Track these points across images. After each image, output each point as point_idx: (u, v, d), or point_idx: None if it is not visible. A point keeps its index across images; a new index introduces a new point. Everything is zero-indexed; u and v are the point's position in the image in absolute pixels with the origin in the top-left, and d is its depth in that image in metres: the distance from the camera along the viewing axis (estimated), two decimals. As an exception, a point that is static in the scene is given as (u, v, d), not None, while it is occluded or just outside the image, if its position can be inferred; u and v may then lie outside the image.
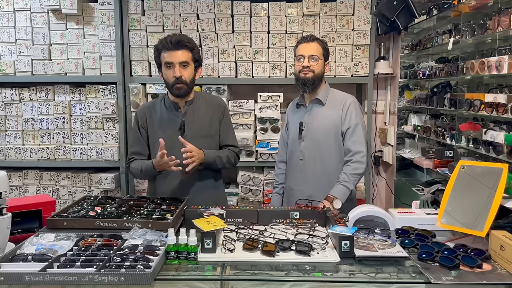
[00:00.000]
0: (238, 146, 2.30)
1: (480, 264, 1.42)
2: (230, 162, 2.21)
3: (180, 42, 2.04)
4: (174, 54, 2.04)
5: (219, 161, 2.15)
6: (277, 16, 3.06)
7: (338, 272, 1.42)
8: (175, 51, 2.04)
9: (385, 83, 3.36)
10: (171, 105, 2.17)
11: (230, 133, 2.28)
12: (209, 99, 2.29)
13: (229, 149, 2.23)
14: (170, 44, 2.03)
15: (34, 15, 3.07)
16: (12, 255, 1.44)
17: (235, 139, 2.31)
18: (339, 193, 2.09)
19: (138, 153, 2.20)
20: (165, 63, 2.06)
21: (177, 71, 2.04)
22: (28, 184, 3.19)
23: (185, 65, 2.06)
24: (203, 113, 2.18)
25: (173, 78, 2.05)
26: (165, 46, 2.04)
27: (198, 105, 2.19)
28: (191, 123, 2.13)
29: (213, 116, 2.20)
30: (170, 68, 2.06)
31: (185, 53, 2.06)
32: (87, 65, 3.09)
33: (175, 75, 2.04)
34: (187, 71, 2.07)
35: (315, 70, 2.20)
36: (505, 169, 1.60)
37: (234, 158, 2.23)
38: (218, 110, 2.23)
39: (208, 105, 2.21)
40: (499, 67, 2.06)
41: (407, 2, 2.85)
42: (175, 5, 3.06)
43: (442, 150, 2.70)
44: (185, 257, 1.47)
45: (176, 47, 2.04)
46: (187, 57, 2.06)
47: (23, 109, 3.13)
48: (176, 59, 2.04)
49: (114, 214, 1.80)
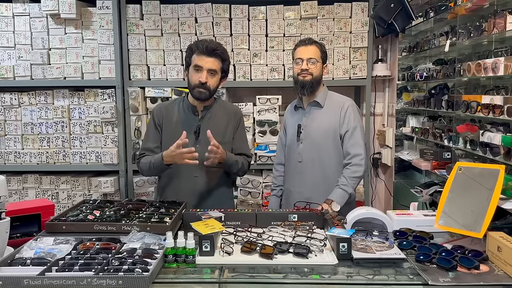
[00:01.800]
0: (251, 156, 2.32)
1: (477, 266, 1.42)
2: (243, 170, 2.23)
3: (215, 50, 2.08)
4: (205, 60, 2.07)
5: (235, 165, 2.16)
6: (275, 19, 3.08)
7: (336, 274, 1.42)
8: (207, 57, 2.07)
9: (383, 85, 3.37)
10: (190, 108, 2.19)
11: (244, 142, 2.31)
12: (227, 106, 2.31)
13: (243, 157, 2.24)
14: (205, 50, 2.06)
15: (33, 20, 3.08)
16: (11, 259, 1.45)
17: (249, 149, 2.33)
18: (337, 196, 2.10)
19: (151, 150, 2.19)
20: (195, 65, 2.09)
21: (203, 77, 2.06)
22: (27, 188, 3.20)
23: (213, 73, 2.09)
24: (219, 120, 2.20)
25: (198, 82, 2.07)
26: (200, 49, 2.07)
27: (215, 111, 2.21)
28: (207, 128, 2.13)
29: (228, 124, 2.22)
30: (198, 71, 2.08)
31: (216, 62, 2.09)
32: (86, 69, 3.10)
33: (200, 79, 2.06)
34: (213, 79, 2.10)
35: (313, 73, 2.21)
36: (502, 171, 1.61)
37: (247, 167, 2.26)
38: (234, 118, 2.25)
39: (225, 113, 2.23)
40: (495, 68, 2.07)
41: (404, 5, 2.86)
42: (174, 9, 3.08)
43: (440, 151, 2.70)
44: (183, 260, 1.47)
45: (210, 54, 2.07)
46: (217, 66, 2.10)
47: (22, 114, 3.14)
48: (206, 65, 2.07)
49: (112, 217, 1.80)
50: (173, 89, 3.07)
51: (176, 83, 3.10)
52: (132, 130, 3.12)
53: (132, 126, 3.12)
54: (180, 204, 1.98)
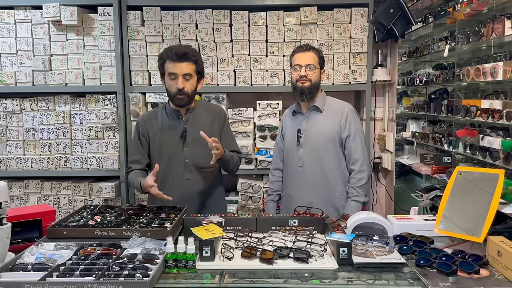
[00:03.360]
0: (241, 152, 2.35)
1: (477, 270, 1.42)
2: (237, 166, 2.27)
3: (185, 55, 2.06)
4: (178, 66, 2.06)
5: (231, 161, 2.19)
6: (275, 25, 3.09)
7: (336, 279, 1.42)
8: (179, 63, 2.06)
9: (383, 90, 3.38)
10: (173, 113, 2.20)
11: (232, 140, 2.33)
12: (209, 107, 2.33)
13: (235, 153, 2.27)
14: (175, 56, 2.06)
15: (35, 27, 3.10)
16: (12, 264, 1.45)
17: (237, 145, 2.35)
18: (352, 209, 2.15)
19: (137, 162, 2.22)
20: (169, 73, 2.09)
21: (180, 83, 2.06)
22: (29, 194, 3.20)
23: (188, 77, 2.09)
24: (204, 121, 2.22)
25: (176, 89, 2.08)
26: (170, 57, 2.07)
27: (199, 112, 2.23)
28: (193, 130, 2.16)
29: (213, 124, 2.24)
30: (173, 79, 2.08)
31: (189, 66, 2.08)
32: (87, 75, 3.12)
33: (177, 86, 2.07)
34: (189, 83, 2.10)
35: (312, 79, 2.22)
36: (502, 175, 1.61)
37: (239, 163, 2.29)
38: (218, 117, 2.26)
39: (208, 113, 2.25)
40: (494, 73, 2.08)
41: (404, 10, 2.87)
42: (174, 15, 3.10)
43: (440, 156, 2.71)
44: (183, 266, 1.47)
45: (181, 59, 2.06)
46: (190, 69, 2.09)
47: (24, 119, 3.15)
48: (180, 71, 2.06)
49: (113, 223, 1.80)
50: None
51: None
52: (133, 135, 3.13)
53: (133, 132, 3.13)
54: (180, 209, 1.98)
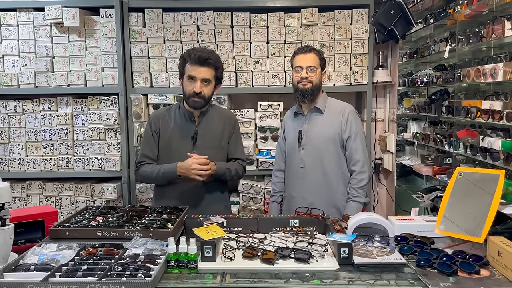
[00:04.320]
0: (245, 160, 2.34)
1: (478, 270, 1.43)
2: (237, 175, 2.26)
3: (207, 60, 2.07)
4: (198, 70, 2.07)
5: (228, 173, 2.19)
6: (276, 26, 3.11)
7: (337, 280, 1.43)
8: (200, 67, 2.07)
9: (384, 91, 3.39)
10: (186, 114, 2.21)
11: (239, 147, 2.32)
12: (221, 112, 2.33)
13: (237, 162, 2.27)
14: (197, 60, 2.06)
15: (37, 28, 3.12)
16: (15, 265, 1.46)
17: (243, 153, 2.35)
18: (352, 210, 2.16)
19: (150, 157, 2.22)
20: (188, 75, 2.10)
21: (198, 87, 2.07)
22: (31, 195, 3.22)
23: (207, 82, 2.10)
24: (215, 125, 2.22)
25: (193, 92, 2.08)
26: (192, 59, 2.07)
27: (211, 116, 2.23)
28: (204, 134, 2.17)
29: (224, 129, 2.24)
30: (192, 81, 2.09)
31: (209, 71, 2.09)
32: (89, 76, 3.13)
33: (195, 89, 2.07)
34: (207, 87, 2.11)
35: (313, 80, 2.23)
36: (502, 176, 1.62)
37: (241, 172, 2.29)
38: (229, 123, 2.27)
39: (220, 118, 2.25)
40: (494, 74, 2.08)
41: (404, 11, 2.88)
42: (176, 17, 3.11)
43: (441, 157, 2.71)
44: (185, 266, 1.48)
45: (202, 64, 2.07)
46: (210, 75, 2.10)
47: (26, 121, 3.17)
48: (199, 75, 2.07)
49: (115, 223, 1.82)
50: (175, 96, 3.10)
51: (179, 90, 3.12)
52: (135, 136, 3.14)
53: (135, 133, 3.14)
54: (182, 210, 1.99)
